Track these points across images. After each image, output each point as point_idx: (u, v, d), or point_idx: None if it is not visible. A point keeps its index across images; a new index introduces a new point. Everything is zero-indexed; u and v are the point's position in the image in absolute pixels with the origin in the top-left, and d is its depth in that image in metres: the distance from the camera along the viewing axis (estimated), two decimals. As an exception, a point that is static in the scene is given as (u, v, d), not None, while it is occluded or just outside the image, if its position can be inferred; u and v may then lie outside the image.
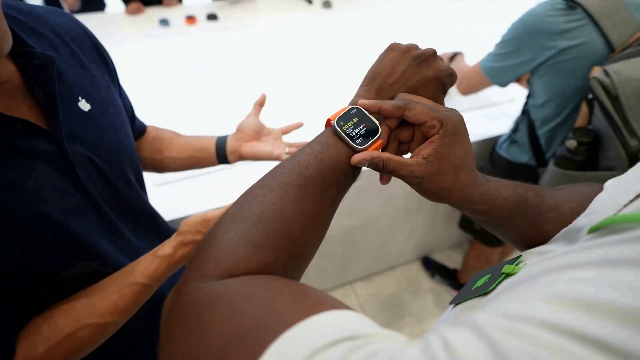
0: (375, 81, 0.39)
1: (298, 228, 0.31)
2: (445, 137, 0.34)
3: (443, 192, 0.35)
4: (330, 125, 0.36)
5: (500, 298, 0.22)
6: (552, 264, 0.21)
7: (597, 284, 0.16)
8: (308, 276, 1.52)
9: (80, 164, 0.47)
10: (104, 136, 0.52)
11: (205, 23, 1.99)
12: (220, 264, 0.28)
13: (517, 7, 1.10)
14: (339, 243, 1.45)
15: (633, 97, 0.73)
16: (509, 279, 0.29)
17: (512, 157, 1.14)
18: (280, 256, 0.30)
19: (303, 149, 0.36)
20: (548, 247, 0.33)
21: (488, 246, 1.44)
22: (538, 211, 0.38)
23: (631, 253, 0.17)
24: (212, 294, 0.25)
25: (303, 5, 2.26)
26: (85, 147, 0.48)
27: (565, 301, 0.16)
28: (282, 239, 0.30)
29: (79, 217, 0.46)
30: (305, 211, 0.32)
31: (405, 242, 1.67)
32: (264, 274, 0.28)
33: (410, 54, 0.39)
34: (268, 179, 0.34)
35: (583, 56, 0.84)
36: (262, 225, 0.30)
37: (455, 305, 0.34)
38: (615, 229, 0.21)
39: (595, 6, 0.80)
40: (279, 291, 0.25)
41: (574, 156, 0.84)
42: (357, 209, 1.35)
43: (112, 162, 0.53)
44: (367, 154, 0.34)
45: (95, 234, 0.49)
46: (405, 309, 1.64)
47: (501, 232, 0.41)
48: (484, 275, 0.32)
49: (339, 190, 0.36)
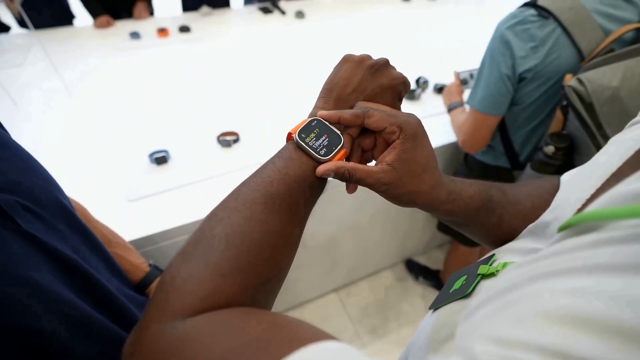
0: (333, 92, 0.39)
1: (268, 249, 0.30)
2: (406, 141, 0.34)
3: (410, 195, 0.35)
4: (292, 139, 0.36)
5: (489, 315, 0.21)
6: (533, 270, 0.21)
7: (588, 295, 0.16)
8: (292, 286, 1.51)
9: (15, 212, 0.40)
10: (22, 176, 0.44)
11: (178, 35, 1.97)
12: (185, 299, 0.25)
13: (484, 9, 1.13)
14: (321, 251, 1.44)
15: (605, 104, 0.75)
16: (489, 281, 0.29)
17: (487, 160, 1.16)
18: (251, 282, 0.28)
19: (265, 165, 0.35)
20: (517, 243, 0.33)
21: (467, 246, 1.47)
22: (502, 206, 0.39)
23: (613, 257, 0.17)
24: (176, 337, 0.23)
25: (277, 15, 2.27)
26: (10, 192, 0.41)
27: (558, 319, 0.16)
28: (252, 263, 0.28)
29: (33, 273, 0.39)
30: (274, 230, 0.30)
31: (387, 246, 1.68)
32: (233, 304, 0.26)
33: (364, 64, 0.40)
34: (231, 200, 0.32)
35: (556, 65, 0.86)
36: (229, 250, 0.28)
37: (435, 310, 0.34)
38: (586, 226, 0.21)
39: (565, 16, 0.82)
40: (253, 327, 0.23)
41: (552, 161, 0.87)
42: (338, 216, 1.35)
43: (44, 204, 0.45)
44: (332, 164, 0.34)
45: (56, 284, 0.41)
46: (391, 312, 1.65)
47: (469, 230, 0.42)
48: (460, 277, 0.32)
49: (307, 205, 0.35)
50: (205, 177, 1.08)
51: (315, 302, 1.66)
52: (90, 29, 2.04)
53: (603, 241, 0.19)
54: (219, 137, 1.21)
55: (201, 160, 1.14)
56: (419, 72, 1.56)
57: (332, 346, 0.20)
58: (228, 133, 1.23)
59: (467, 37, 1.99)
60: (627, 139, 0.29)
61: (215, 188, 1.04)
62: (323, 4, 2.49)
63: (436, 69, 1.63)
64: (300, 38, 2.03)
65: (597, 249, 0.19)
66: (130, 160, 1.12)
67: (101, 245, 0.56)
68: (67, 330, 0.40)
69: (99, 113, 1.35)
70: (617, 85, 0.74)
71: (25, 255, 0.39)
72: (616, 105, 0.75)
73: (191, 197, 1.01)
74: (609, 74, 0.74)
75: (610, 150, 0.30)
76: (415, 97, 1.48)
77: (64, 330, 0.40)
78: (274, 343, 0.21)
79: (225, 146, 1.19)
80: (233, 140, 1.19)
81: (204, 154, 1.16)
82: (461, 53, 1.78)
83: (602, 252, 0.18)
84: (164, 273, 0.28)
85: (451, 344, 0.26)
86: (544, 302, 0.17)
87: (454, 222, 0.40)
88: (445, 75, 1.49)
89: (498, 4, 2.48)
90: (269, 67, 1.71)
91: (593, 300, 0.15)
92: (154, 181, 1.05)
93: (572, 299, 0.16)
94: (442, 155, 1.34)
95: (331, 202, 1.26)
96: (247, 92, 1.51)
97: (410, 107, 1.46)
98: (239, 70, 1.68)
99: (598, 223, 0.20)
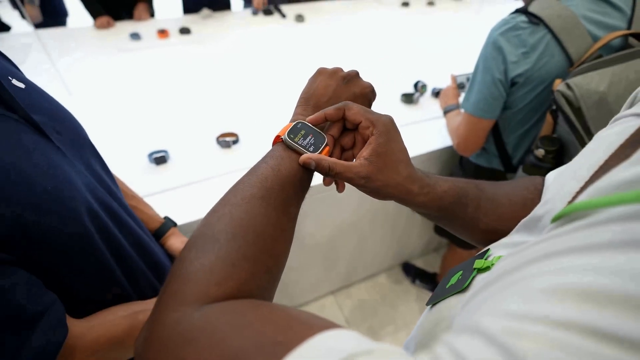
0: (311, 100, 0.44)
1: (269, 239, 0.32)
2: (380, 136, 0.38)
3: (387, 188, 0.39)
4: (280, 141, 0.40)
5: (488, 297, 0.21)
6: (531, 253, 0.22)
7: (590, 271, 0.16)
8: (290, 289, 1.51)
9: (51, 133, 0.46)
10: (54, 111, 0.50)
11: (178, 37, 1.98)
12: (199, 287, 0.26)
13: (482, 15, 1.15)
14: (319, 253, 1.44)
15: (593, 109, 0.77)
16: (486, 274, 0.30)
17: (481, 162, 1.18)
18: (258, 271, 0.29)
19: (258, 164, 0.38)
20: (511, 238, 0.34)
21: (463, 249, 1.48)
22: (477, 202, 0.42)
23: (610, 235, 0.18)
24: (193, 325, 0.23)
25: (277, 18, 2.29)
26: (45, 116, 0.46)
27: (565, 293, 0.16)
28: (257, 253, 0.30)
29: (74, 182, 0.45)
30: (273, 222, 0.33)
31: (384, 249, 1.69)
32: (243, 292, 0.27)
33: (337, 75, 0.45)
34: (230, 196, 0.34)
35: (547, 70, 0.89)
36: (236, 241, 0.29)
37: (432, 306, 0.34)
38: (577, 215, 0.22)
39: (555, 22, 0.85)
40: (266, 317, 0.24)
41: (542, 164, 0.88)
42: (336, 219, 1.36)
43: (72, 135, 0.51)
44: (314, 155, 0.38)
45: (92, 201, 0.48)
46: (388, 315, 1.65)
47: (444, 223, 0.45)
48: (456, 272, 0.33)
49: (297, 199, 0.38)
50: (204, 177, 1.08)
51: (312, 304, 1.66)
52: (90, 29, 2.04)
53: (596, 223, 0.20)
54: (219, 137, 1.21)
55: (200, 160, 1.14)
56: (418, 76, 1.57)
57: (349, 334, 0.21)
58: (227, 134, 1.23)
59: (465, 42, 2.01)
60: (611, 133, 0.31)
61: (214, 189, 1.05)
62: (323, 8, 2.51)
63: (434, 73, 1.65)
64: (300, 41, 2.05)
65: (591, 230, 0.19)
66: (129, 160, 1.12)
67: (120, 191, 0.62)
68: (100, 236, 0.48)
69: (99, 112, 1.36)
70: (604, 90, 0.76)
71: (60, 163, 0.45)
72: (603, 109, 0.77)
73: (190, 198, 1.02)
74: (597, 79, 0.77)
75: (595, 145, 0.32)
76: (413, 101, 1.50)
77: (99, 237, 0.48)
78: (293, 328, 0.22)
79: (224, 147, 1.19)
80: (232, 141, 1.20)
81: (203, 154, 1.17)
82: (459, 58, 1.80)
83: (597, 233, 0.19)
84: (174, 265, 0.29)
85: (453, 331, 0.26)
86: (550, 279, 0.18)
87: (430, 215, 0.43)
88: (444, 79, 1.51)
89: (496, 10, 2.51)
90: (268, 69, 1.72)
91: (604, 277, 0.16)
92: (153, 181, 1.05)
93: (580, 275, 0.17)
94: (439, 158, 1.36)
95: (329, 204, 1.27)
96: (247, 93, 1.52)
97: (408, 111, 1.47)
98: (238, 71, 1.69)
99: (588, 212, 0.21)
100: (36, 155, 0.42)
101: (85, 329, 0.45)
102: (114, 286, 0.52)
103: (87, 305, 0.49)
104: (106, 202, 0.52)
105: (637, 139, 0.25)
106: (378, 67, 1.77)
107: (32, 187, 0.40)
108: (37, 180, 0.40)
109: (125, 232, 0.55)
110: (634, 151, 0.22)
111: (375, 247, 1.64)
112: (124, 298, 0.54)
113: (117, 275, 0.52)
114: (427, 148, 1.28)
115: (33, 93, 0.49)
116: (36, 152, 0.42)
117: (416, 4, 2.70)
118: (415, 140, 1.31)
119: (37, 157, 0.42)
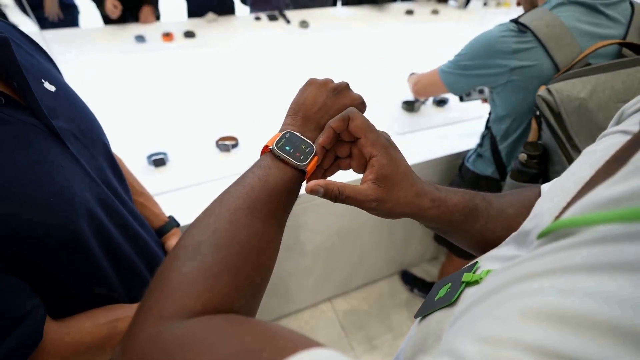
0: (300, 111, 0.43)
1: (254, 251, 0.31)
2: (381, 158, 0.38)
3: (399, 207, 0.38)
4: (267, 152, 0.39)
5: (475, 317, 0.21)
6: (516, 272, 0.22)
7: (565, 292, 0.16)
8: (287, 294, 1.50)
9: (67, 137, 0.48)
10: (77, 114, 0.53)
11: (183, 40, 1.99)
12: (179, 300, 0.25)
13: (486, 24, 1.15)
14: (317, 259, 1.44)
15: (574, 115, 0.78)
16: (474, 288, 0.30)
17: (478, 170, 1.19)
18: (240, 284, 0.29)
19: (245, 174, 0.37)
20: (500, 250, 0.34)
21: (462, 258, 1.46)
22: (486, 215, 0.41)
23: (587, 257, 0.18)
24: (172, 341, 0.23)
25: (281, 24, 2.30)
26: (64, 122, 0.49)
27: (537, 316, 0.16)
28: (240, 265, 0.29)
29: (77, 185, 0.47)
30: (258, 233, 0.32)
31: (383, 256, 1.68)
32: (224, 306, 0.27)
33: (327, 86, 0.44)
34: (216, 206, 0.33)
35: (534, 76, 0.91)
36: (219, 253, 0.29)
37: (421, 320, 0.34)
38: (562, 233, 0.22)
39: (543, 31, 0.88)
40: (247, 333, 0.23)
41: (526, 169, 0.89)
42: (336, 225, 1.35)
43: (91, 140, 0.54)
44: (321, 181, 0.37)
45: (93, 202, 0.50)
46: (384, 324, 1.64)
47: (454, 237, 0.44)
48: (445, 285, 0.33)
49: (285, 210, 0.38)
50: (202, 180, 1.08)
51: (309, 310, 1.65)
52: (96, 31, 2.06)
53: (577, 244, 0.20)
54: (218, 141, 1.21)
55: (199, 163, 1.14)
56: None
57: (322, 353, 0.20)
58: (227, 138, 1.23)
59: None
60: (598, 150, 0.30)
61: (212, 192, 1.04)
62: (327, 15, 2.52)
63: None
64: (303, 47, 2.06)
65: (571, 251, 0.19)
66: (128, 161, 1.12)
67: (129, 192, 0.66)
68: (95, 237, 0.49)
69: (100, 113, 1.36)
70: (584, 96, 0.77)
71: (72, 171, 0.47)
72: (584, 116, 0.77)
73: (188, 200, 1.02)
74: (579, 86, 0.78)
75: (582, 161, 0.31)
76: (414, 109, 1.50)
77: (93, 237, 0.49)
78: (266, 351, 0.21)
79: (223, 150, 1.19)
80: (232, 145, 1.20)
81: (202, 157, 1.17)
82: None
83: (576, 254, 0.19)
84: (154, 277, 0.29)
85: (436, 351, 0.26)
86: (527, 301, 0.18)
87: (440, 229, 0.42)
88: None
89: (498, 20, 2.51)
90: (270, 74, 1.73)
91: (573, 298, 0.16)
92: (151, 183, 1.05)
93: (554, 297, 0.17)
94: (440, 166, 1.35)
95: (330, 211, 1.27)
96: (248, 98, 1.53)
97: (409, 119, 1.47)
98: (240, 76, 1.70)
99: (572, 229, 0.21)
100: (45, 161, 0.44)
101: (61, 335, 0.46)
102: (104, 286, 0.53)
103: (74, 302, 0.50)
104: (110, 205, 0.54)
105: (621, 156, 0.25)
106: (380, 74, 1.77)
107: (34, 191, 0.42)
108: (40, 185, 0.43)
109: (126, 235, 0.57)
110: (618, 169, 0.22)
111: (374, 254, 1.63)
112: (113, 299, 0.54)
113: (108, 276, 0.53)
114: (427, 156, 1.28)
115: (60, 96, 0.52)
116: (46, 158, 0.45)
117: (420, 12, 2.71)
118: (416, 148, 1.31)
119: (45, 162, 0.44)
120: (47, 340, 0.44)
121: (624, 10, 0.88)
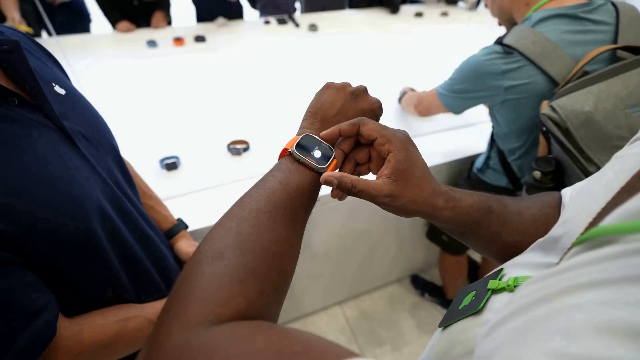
0: (318, 114, 0.43)
1: (277, 255, 0.31)
2: (398, 153, 0.37)
3: (412, 204, 0.37)
4: (287, 154, 0.39)
5: (526, 328, 0.20)
6: (561, 282, 0.20)
7: (634, 305, 0.15)
8: (298, 297, 1.50)
9: (77, 138, 0.49)
10: (86, 117, 0.54)
11: (193, 44, 2.01)
12: (206, 306, 0.25)
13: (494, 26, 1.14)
14: (328, 263, 1.43)
15: (582, 129, 0.76)
16: (505, 296, 0.29)
17: (491, 180, 1.17)
18: (265, 288, 0.28)
19: (265, 177, 0.37)
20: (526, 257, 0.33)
21: (452, 255, 1.48)
22: (502, 218, 0.40)
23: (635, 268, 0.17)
24: (202, 349, 0.22)
25: (290, 28, 2.31)
26: (74, 123, 0.50)
27: (611, 331, 0.15)
28: (265, 269, 0.29)
29: (89, 184, 0.48)
30: (280, 237, 0.32)
31: (394, 260, 1.67)
32: (251, 312, 0.26)
33: (346, 90, 0.44)
34: (237, 210, 0.33)
35: (531, 93, 0.88)
36: (243, 257, 0.28)
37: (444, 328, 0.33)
38: (602, 240, 0.21)
39: (530, 49, 0.85)
40: (279, 344, 0.22)
41: (542, 185, 0.87)
42: (348, 229, 1.34)
43: (101, 142, 0.55)
44: (336, 173, 0.36)
45: (104, 201, 0.50)
46: (395, 328, 1.62)
47: (469, 240, 0.43)
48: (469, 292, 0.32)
49: (305, 213, 0.37)
50: (214, 184, 1.08)
51: (319, 314, 1.65)
52: (109, 36, 2.09)
53: (623, 253, 0.18)
54: (230, 145, 1.22)
55: (211, 167, 1.15)
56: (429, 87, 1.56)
57: None
58: (238, 141, 1.24)
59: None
60: (632, 154, 0.29)
61: (224, 195, 1.05)
62: (336, 19, 2.52)
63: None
64: (313, 50, 2.06)
65: (622, 261, 0.18)
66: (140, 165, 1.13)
67: (138, 194, 0.66)
68: (106, 236, 0.50)
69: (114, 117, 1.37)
70: (590, 109, 0.75)
71: (83, 170, 0.48)
72: (593, 128, 0.75)
73: (200, 204, 1.02)
74: (581, 99, 0.76)
75: (615, 166, 0.30)
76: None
77: (106, 237, 0.50)
78: (311, 356, 0.21)
79: (235, 154, 1.20)
80: (243, 148, 1.20)
81: (214, 161, 1.18)
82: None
83: (627, 263, 0.18)
84: (178, 282, 0.28)
85: None
86: (594, 314, 0.16)
87: (455, 231, 0.42)
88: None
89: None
90: (280, 77, 1.73)
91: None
92: (164, 187, 1.06)
93: (624, 312, 0.16)
94: (448, 170, 1.34)
95: (341, 214, 1.26)
96: (259, 101, 1.53)
97: (419, 122, 1.46)
98: (251, 80, 1.71)
99: (617, 237, 0.20)
100: (57, 159, 0.45)
101: (74, 332, 0.47)
102: (115, 286, 0.53)
103: (86, 300, 0.51)
104: (120, 206, 0.54)
105: None
106: (391, 77, 1.77)
107: (48, 189, 0.43)
108: (54, 183, 0.44)
109: (137, 236, 0.58)
110: None
111: (385, 258, 1.62)
112: (123, 299, 0.55)
113: (119, 275, 0.53)
114: (437, 160, 1.27)
115: (70, 99, 0.53)
116: (58, 156, 0.46)
117: (430, 15, 2.70)
118: (426, 152, 1.30)
119: (58, 161, 0.45)
120: (60, 336, 0.44)
121: (606, 12, 0.86)
